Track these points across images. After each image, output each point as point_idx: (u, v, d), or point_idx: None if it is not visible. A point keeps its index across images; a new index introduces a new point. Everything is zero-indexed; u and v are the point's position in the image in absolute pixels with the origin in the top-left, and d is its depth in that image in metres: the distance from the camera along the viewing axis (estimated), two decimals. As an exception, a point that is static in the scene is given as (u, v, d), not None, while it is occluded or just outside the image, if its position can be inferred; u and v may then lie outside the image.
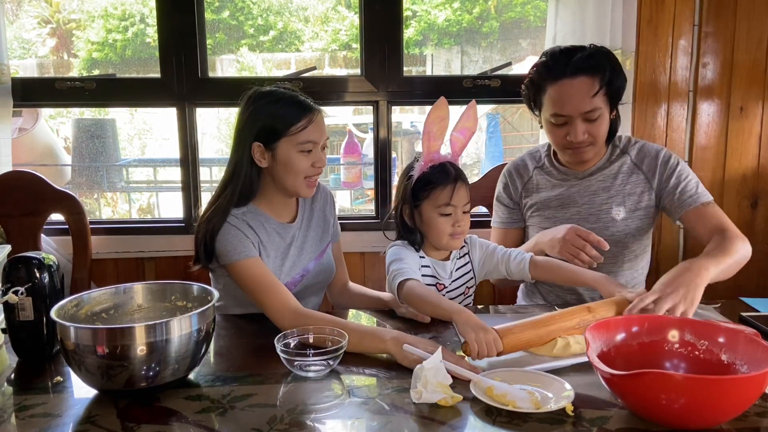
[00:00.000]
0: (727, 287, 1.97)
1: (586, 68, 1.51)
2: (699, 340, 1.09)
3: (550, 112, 1.56)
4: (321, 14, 4.01)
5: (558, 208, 1.68)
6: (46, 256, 1.25)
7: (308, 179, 1.48)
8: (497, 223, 1.83)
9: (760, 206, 2.29)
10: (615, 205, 1.63)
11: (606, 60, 1.54)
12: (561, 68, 1.53)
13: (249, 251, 1.42)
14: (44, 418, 1.01)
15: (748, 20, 2.16)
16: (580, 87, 1.51)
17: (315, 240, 1.61)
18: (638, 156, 1.65)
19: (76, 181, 3.26)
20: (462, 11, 4.10)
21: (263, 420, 0.99)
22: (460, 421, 0.99)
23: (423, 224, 1.52)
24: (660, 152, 1.64)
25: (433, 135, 1.49)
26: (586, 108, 1.51)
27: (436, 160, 1.50)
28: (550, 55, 1.58)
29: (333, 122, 4.21)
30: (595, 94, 1.51)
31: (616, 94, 1.56)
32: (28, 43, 4.27)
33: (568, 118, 1.54)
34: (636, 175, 1.64)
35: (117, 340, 1.01)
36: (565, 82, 1.52)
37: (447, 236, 1.50)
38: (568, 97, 1.52)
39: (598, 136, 1.56)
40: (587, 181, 1.66)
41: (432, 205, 1.49)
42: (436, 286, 1.56)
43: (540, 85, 1.58)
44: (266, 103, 1.46)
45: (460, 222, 1.50)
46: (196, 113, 2.23)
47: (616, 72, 1.54)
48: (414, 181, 1.51)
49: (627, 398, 0.97)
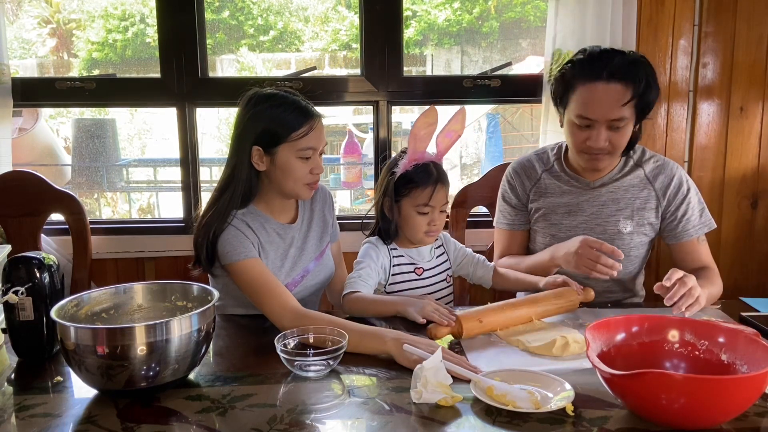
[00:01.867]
0: (727, 287, 1.97)
1: (623, 75, 1.45)
2: (699, 340, 1.09)
3: (575, 113, 1.51)
4: (321, 14, 4.01)
5: (565, 215, 1.65)
6: (46, 256, 1.25)
7: (308, 185, 1.49)
8: (503, 224, 1.78)
9: (760, 206, 2.29)
10: (623, 218, 1.61)
11: (644, 71, 1.49)
12: (597, 70, 1.47)
13: (249, 252, 1.42)
14: (44, 418, 1.01)
15: (748, 20, 2.16)
16: (613, 93, 1.46)
17: (315, 240, 1.61)
18: (653, 172, 1.62)
19: (76, 181, 3.26)
20: (462, 11, 4.10)
21: (263, 420, 0.99)
22: (460, 421, 0.99)
23: (400, 219, 1.58)
24: (675, 174, 1.61)
25: (420, 138, 1.54)
26: (614, 116, 1.47)
27: (420, 159, 1.55)
28: (589, 54, 1.51)
29: (333, 122, 4.21)
30: (626, 103, 1.46)
31: (645, 107, 1.51)
32: (28, 43, 4.27)
33: (592, 122, 1.49)
34: (647, 191, 1.61)
35: (117, 340, 1.01)
36: (598, 85, 1.47)
37: (422, 233, 1.57)
38: (597, 101, 1.47)
39: (618, 145, 1.52)
40: (597, 191, 1.63)
41: (411, 203, 1.55)
42: (415, 271, 1.61)
43: (571, 83, 1.52)
44: (268, 107, 1.44)
45: (436, 221, 1.56)
46: (196, 113, 2.23)
47: (651, 85, 1.49)
48: (397, 177, 1.55)
49: (627, 398, 0.97)
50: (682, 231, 1.61)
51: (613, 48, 1.54)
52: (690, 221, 1.60)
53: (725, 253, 2.30)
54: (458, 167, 3.93)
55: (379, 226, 1.62)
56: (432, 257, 1.64)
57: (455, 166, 3.99)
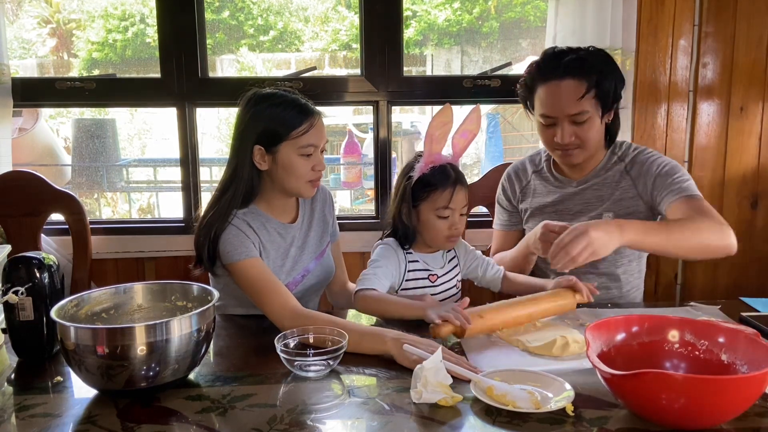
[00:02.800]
0: (727, 287, 1.97)
1: (574, 70, 1.51)
2: (699, 340, 1.09)
3: (539, 113, 1.58)
4: (321, 14, 4.01)
5: (552, 215, 1.68)
6: (46, 256, 1.25)
7: (311, 182, 1.49)
8: (498, 225, 1.85)
9: (760, 206, 2.28)
10: (605, 212, 1.63)
11: (598, 63, 1.54)
12: (551, 69, 1.54)
13: (250, 252, 1.42)
14: (44, 418, 1.01)
15: (748, 20, 2.16)
16: (567, 89, 1.51)
17: (315, 240, 1.61)
18: (631, 162, 1.63)
19: (76, 181, 3.26)
20: (462, 11, 4.09)
21: (263, 420, 0.99)
22: (460, 421, 0.99)
23: (420, 224, 1.54)
24: (651, 155, 1.61)
25: (435, 138, 1.51)
26: (573, 110, 1.52)
27: (437, 161, 1.51)
28: (543, 55, 1.60)
29: (333, 122, 4.21)
30: (582, 97, 1.51)
31: (606, 98, 1.54)
32: (28, 43, 4.27)
33: (555, 120, 1.55)
34: (626, 181, 1.63)
35: (117, 340, 1.01)
36: (552, 83, 1.53)
37: (443, 238, 1.53)
38: (555, 98, 1.53)
39: (586, 139, 1.55)
40: (582, 189, 1.67)
41: (430, 207, 1.51)
42: (429, 278, 1.58)
43: (532, 86, 1.60)
44: (268, 107, 1.45)
45: (457, 225, 1.52)
46: (196, 113, 2.23)
47: (608, 75, 1.53)
48: (414, 182, 1.52)
49: (627, 398, 0.97)
50: (657, 203, 1.55)
51: (569, 47, 1.59)
52: (677, 181, 1.53)
53: (725, 253, 2.30)
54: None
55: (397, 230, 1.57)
56: (444, 262, 1.61)
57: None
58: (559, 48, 1.59)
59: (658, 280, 2.34)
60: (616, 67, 1.58)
